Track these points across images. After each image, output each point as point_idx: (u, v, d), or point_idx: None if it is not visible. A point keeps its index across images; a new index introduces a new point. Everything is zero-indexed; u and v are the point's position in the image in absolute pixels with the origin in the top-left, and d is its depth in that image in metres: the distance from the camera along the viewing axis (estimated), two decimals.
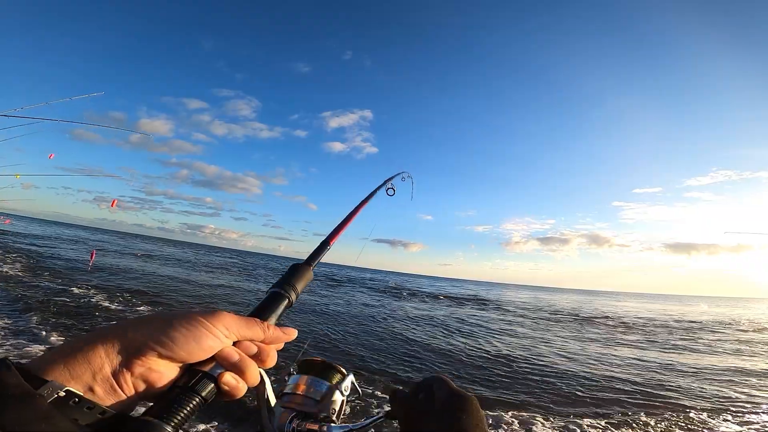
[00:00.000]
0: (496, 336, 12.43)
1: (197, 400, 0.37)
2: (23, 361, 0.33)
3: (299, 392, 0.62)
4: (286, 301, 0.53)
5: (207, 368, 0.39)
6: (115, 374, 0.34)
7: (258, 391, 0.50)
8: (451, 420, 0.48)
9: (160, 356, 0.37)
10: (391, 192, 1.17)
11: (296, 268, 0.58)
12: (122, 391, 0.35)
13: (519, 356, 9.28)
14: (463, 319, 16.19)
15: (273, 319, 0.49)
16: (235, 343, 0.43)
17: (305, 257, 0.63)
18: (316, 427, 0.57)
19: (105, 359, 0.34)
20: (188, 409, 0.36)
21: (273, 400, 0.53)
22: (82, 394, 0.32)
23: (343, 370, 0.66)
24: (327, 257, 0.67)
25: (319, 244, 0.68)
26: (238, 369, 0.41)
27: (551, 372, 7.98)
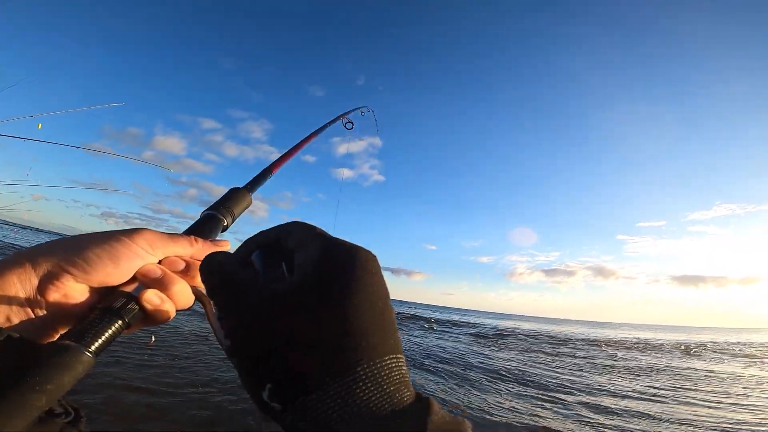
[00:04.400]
0: None
1: (118, 322, 0.34)
2: None
3: None
4: (220, 224, 0.49)
5: (129, 289, 0.36)
6: (30, 301, 0.33)
7: (205, 309, 0.50)
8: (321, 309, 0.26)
9: (76, 280, 0.34)
10: (349, 126, 1.13)
11: (234, 192, 0.55)
12: (39, 318, 0.33)
13: None
14: None
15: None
16: (160, 262, 0.39)
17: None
18: None
19: (18, 286, 0.32)
20: (108, 332, 0.33)
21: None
22: None
23: None
24: None
25: (261, 170, 0.64)
26: (161, 285, 0.37)
27: None
